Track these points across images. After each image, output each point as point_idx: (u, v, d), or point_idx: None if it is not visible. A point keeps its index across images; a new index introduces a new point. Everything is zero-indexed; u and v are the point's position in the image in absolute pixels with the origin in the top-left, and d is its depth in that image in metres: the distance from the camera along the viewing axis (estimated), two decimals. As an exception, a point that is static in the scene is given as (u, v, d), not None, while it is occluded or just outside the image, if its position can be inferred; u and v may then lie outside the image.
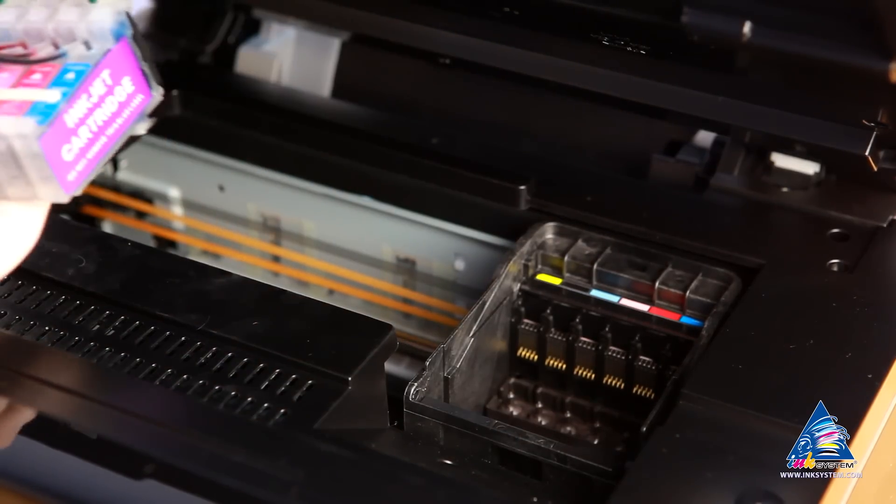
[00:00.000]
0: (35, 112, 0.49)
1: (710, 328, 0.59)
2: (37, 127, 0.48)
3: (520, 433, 0.55)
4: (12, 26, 0.53)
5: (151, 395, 0.54)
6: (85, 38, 0.52)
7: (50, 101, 0.49)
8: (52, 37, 0.52)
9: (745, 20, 0.56)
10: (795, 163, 0.66)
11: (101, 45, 0.51)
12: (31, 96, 0.50)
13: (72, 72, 0.50)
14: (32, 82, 0.51)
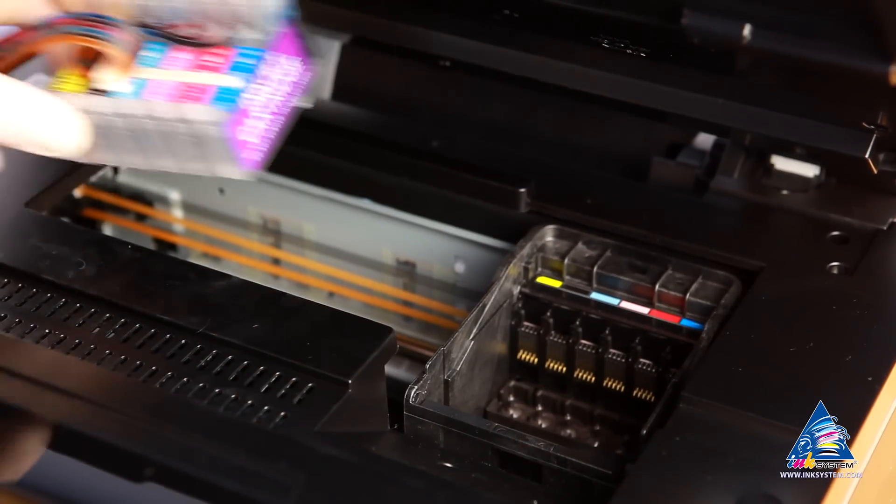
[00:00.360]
0: (221, 99, 0.51)
1: (711, 331, 0.59)
2: (225, 114, 0.50)
3: (520, 436, 0.55)
4: (181, 5, 0.54)
5: (151, 398, 0.54)
6: (252, 20, 0.53)
7: (233, 87, 0.51)
8: (219, 18, 0.53)
9: (746, 23, 0.56)
10: (795, 165, 0.66)
11: (268, 27, 0.53)
12: (213, 81, 0.52)
13: (247, 56, 0.52)
14: (211, 65, 0.52)
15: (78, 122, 0.52)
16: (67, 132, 0.52)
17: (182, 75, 0.53)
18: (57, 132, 0.52)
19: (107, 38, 0.52)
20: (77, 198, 0.71)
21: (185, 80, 0.52)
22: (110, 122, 0.52)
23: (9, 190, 0.67)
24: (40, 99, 0.52)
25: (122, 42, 0.53)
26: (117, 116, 0.52)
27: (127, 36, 0.53)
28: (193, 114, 0.50)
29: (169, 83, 0.53)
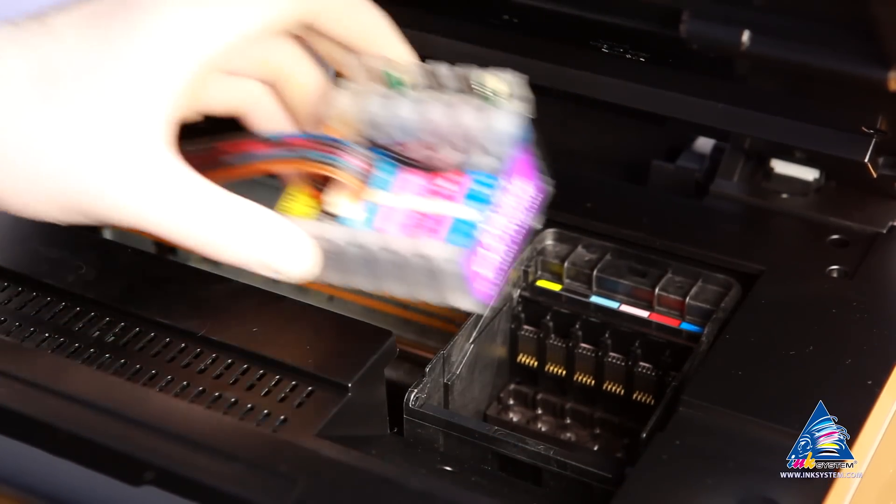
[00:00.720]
0: (457, 231, 0.50)
1: (710, 334, 0.59)
2: (461, 251, 0.49)
3: (520, 439, 0.55)
4: (411, 121, 0.53)
5: (151, 402, 0.54)
6: (486, 143, 0.52)
7: (469, 220, 0.50)
8: (452, 138, 0.52)
9: (745, 29, 0.56)
10: (795, 169, 0.66)
11: (503, 150, 0.52)
12: (448, 211, 0.51)
13: (482, 185, 0.51)
14: (445, 192, 0.51)
15: (311, 250, 0.53)
16: (300, 259, 0.53)
17: (415, 202, 0.52)
18: (290, 258, 0.53)
19: (340, 164, 0.52)
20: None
21: (419, 208, 0.52)
22: (342, 249, 0.52)
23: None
24: (277, 224, 0.52)
25: (356, 169, 0.52)
26: (350, 245, 0.52)
27: (360, 163, 0.52)
28: (430, 249, 0.50)
29: (402, 211, 0.52)
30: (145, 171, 0.51)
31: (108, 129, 0.50)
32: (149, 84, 0.51)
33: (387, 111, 0.54)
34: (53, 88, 0.51)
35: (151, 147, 0.51)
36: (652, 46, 0.62)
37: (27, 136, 0.50)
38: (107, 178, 0.50)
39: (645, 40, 0.61)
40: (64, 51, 0.51)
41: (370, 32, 0.56)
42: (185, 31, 0.51)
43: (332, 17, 0.55)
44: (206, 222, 0.52)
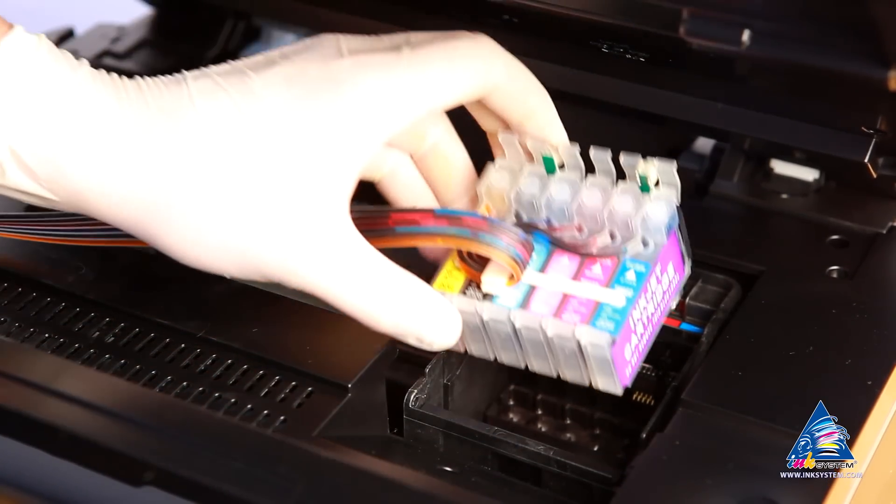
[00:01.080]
0: (603, 317, 0.51)
1: (710, 335, 0.59)
2: (609, 337, 0.50)
3: (520, 440, 0.55)
4: (565, 204, 0.55)
5: (151, 402, 0.54)
6: (640, 230, 0.53)
7: (617, 306, 0.52)
8: (604, 223, 0.54)
9: (745, 29, 0.56)
10: (795, 169, 0.66)
11: (655, 238, 0.53)
12: (595, 295, 0.52)
13: (632, 271, 0.53)
14: (594, 276, 0.53)
15: (458, 324, 0.54)
16: (448, 334, 0.54)
17: (566, 284, 0.53)
18: (439, 332, 0.54)
19: (504, 248, 0.53)
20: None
21: (570, 290, 0.53)
22: (490, 326, 0.54)
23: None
24: (435, 301, 0.54)
25: (518, 255, 0.53)
26: (500, 324, 0.53)
27: (520, 246, 0.53)
28: (580, 334, 0.51)
29: (553, 293, 0.53)
30: (327, 242, 0.52)
31: (298, 200, 0.52)
32: (343, 157, 0.52)
33: (542, 193, 0.56)
34: (247, 153, 0.52)
35: (335, 218, 0.52)
36: (651, 46, 0.62)
37: (218, 194, 0.51)
38: (290, 247, 0.52)
39: (644, 40, 0.61)
40: (262, 116, 0.52)
41: (537, 113, 0.57)
42: (381, 105, 0.53)
43: (506, 96, 0.56)
44: (373, 293, 0.53)
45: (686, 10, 0.57)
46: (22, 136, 0.50)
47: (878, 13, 0.52)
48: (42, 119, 0.50)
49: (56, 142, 0.51)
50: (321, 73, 0.53)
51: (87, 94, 0.51)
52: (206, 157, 0.52)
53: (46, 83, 0.51)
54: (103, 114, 0.51)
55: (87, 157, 0.51)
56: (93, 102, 0.51)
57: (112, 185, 0.51)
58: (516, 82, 0.57)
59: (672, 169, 0.55)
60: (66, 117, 0.51)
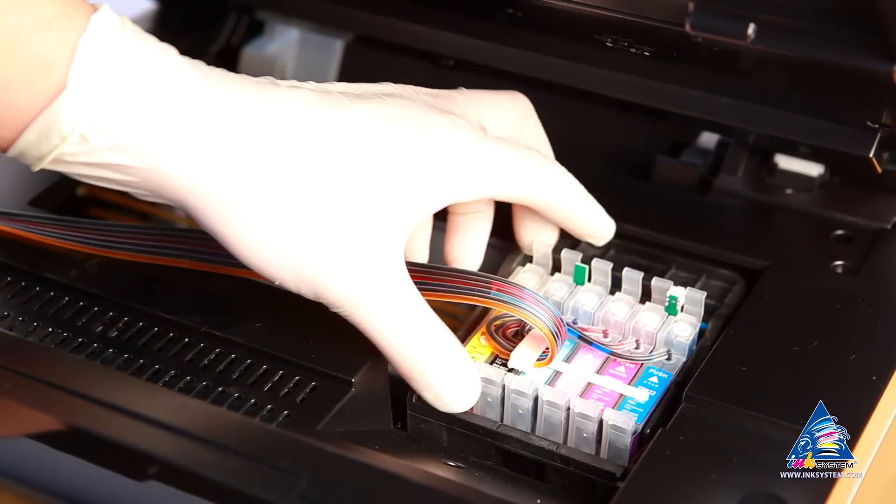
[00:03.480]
0: (626, 408, 0.54)
1: (714, 330, 0.59)
2: (635, 424, 0.53)
3: (524, 435, 0.55)
4: (594, 312, 0.58)
5: (155, 397, 0.54)
6: (664, 346, 0.57)
7: (640, 401, 0.54)
8: (631, 334, 0.57)
9: (750, 23, 0.56)
10: (799, 164, 0.66)
11: (679, 354, 0.57)
12: (621, 390, 0.55)
13: (655, 376, 0.56)
14: (618, 374, 0.55)
15: (477, 394, 0.55)
16: (464, 398, 0.55)
17: (591, 376, 0.56)
18: (456, 393, 0.55)
19: (546, 323, 0.55)
20: (81, 196, 0.71)
21: (593, 381, 0.56)
22: (513, 400, 0.55)
23: (13, 188, 0.67)
24: (461, 360, 0.55)
25: (557, 332, 0.55)
26: (522, 398, 0.55)
27: (562, 329, 0.55)
28: (607, 416, 0.53)
29: (578, 380, 0.56)
30: (383, 277, 0.53)
31: (366, 230, 0.53)
32: (417, 203, 0.54)
33: (570, 297, 0.59)
34: (330, 169, 0.53)
35: (393, 256, 0.54)
36: (656, 41, 0.62)
37: (290, 202, 0.52)
38: (348, 274, 0.53)
39: (649, 34, 0.61)
40: (355, 138, 0.53)
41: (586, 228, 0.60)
42: (464, 171, 0.55)
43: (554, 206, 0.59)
44: (410, 337, 0.54)
45: (691, 3, 0.57)
46: (108, 111, 0.50)
47: (883, 7, 0.52)
48: (129, 96, 0.50)
49: (141, 119, 0.51)
50: (420, 122, 0.55)
51: (177, 73, 0.51)
52: (287, 160, 0.52)
53: (134, 60, 0.50)
54: (191, 96, 0.51)
55: (170, 136, 0.51)
56: (182, 83, 0.51)
57: (189, 168, 0.51)
58: (574, 202, 0.59)
59: (701, 298, 0.58)
60: (153, 95, 0.51)
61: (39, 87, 0.50)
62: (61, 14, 0.50)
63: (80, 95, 0.50)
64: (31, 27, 0.49)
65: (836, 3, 0.54)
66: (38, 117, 0.50)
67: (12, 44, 0.49)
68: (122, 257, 0.60)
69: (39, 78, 0.50)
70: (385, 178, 0.53)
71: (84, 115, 0.50)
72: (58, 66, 0.50)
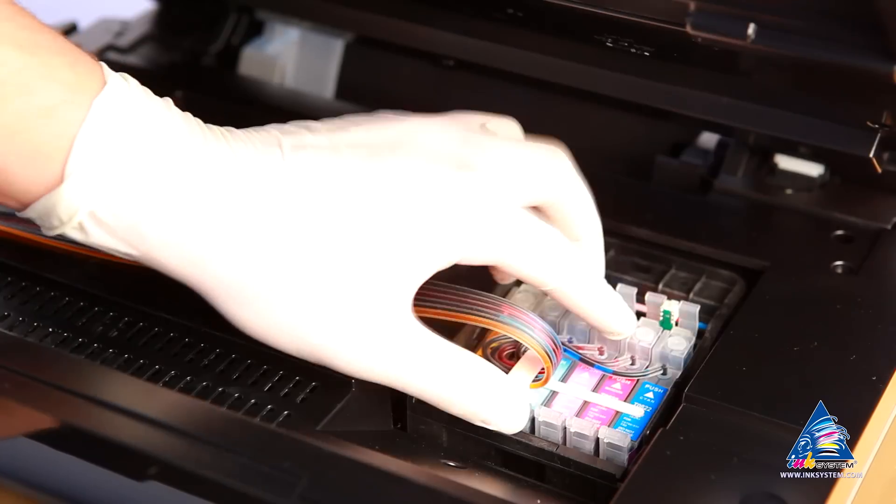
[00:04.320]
0: (623, 426, 0.54)
1: (714, 330, 0.59)
2: (631, 441, 0.53)
3: (523, 436, 0.55)
4: (589, 329, 0.58)
5: (155, 397, 0.54)
6: (660, 361, 0.57)
7: (636, 417, 0.55)
8: (627, 350, 0.57)
9: (750, 23, 0.56)
10: (800, 164, 0.66)
11: (674, 368, 0.57)
12: (616, 407, 0.55)
13: (651, 392, 0.56)
14: (614, 391, 0.56)
15: (526, 412, 0.55)
16: (513, 419, 0.54)
17: (587, 394, 0.56)
18: (503, 418, 0.54)
19: (543, 345, 0.55)
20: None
21: (589, 399, 0.56)
22: None
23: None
24: (500, 386, 0.54)
25: (554, 355, 0.55)
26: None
27: (558, 351, 0.56)
28: (603, 434, 0.53)
29: (574, 399, 0.56)
30: (397, 339, 0.53)
31: (371, 294, 0.52)
32: (422, 268, 0.53)
33: (565, 316, 0.59)
34: (338, 249, 0.52)
35: (402, 315, 0.53)
36: (657, 40, 0.62)
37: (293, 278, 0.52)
38: (359, 343, 0.52)
39: (649, 34, 0.61)
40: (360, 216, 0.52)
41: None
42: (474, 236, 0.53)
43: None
44: (440, 382, 0.53)
45: (692, 3, 0.57)
46: (105, 204, 0.50)
47: (883, 7, 0.52)
48: (127, 189, 0.50)
49: (139, 212, 0.50)
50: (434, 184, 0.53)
51: (178, 161, 0.51)
52: (290, 238, 0.52)
53: (135, 148, 0.50)
54: (193, 185, 0.51)
55: (164, 225, 0.51)
56: (183, 173, 0.51)
57: (187, 259, 0.52)
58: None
59: (695, 311, 0.58)
60: (152, 188, 0.50)
61: (37, 176, 0.49)
62: (63, 101, 0.49)
63: (76, 189, 0.49)
64: (32, 115, 0.49)
65: (836, 3, 0.54)
66: (37, 202, 0.50)
67: (12, 132, 0.49)
68: (122, 259, 0.59)
69: (38, 168, 0.49)
70: (391, 245, 0.52)
71: (81, 206, 0.50)
72: (56, 158, 0.49)
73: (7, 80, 0.48)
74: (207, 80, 0.77)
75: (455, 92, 0.74)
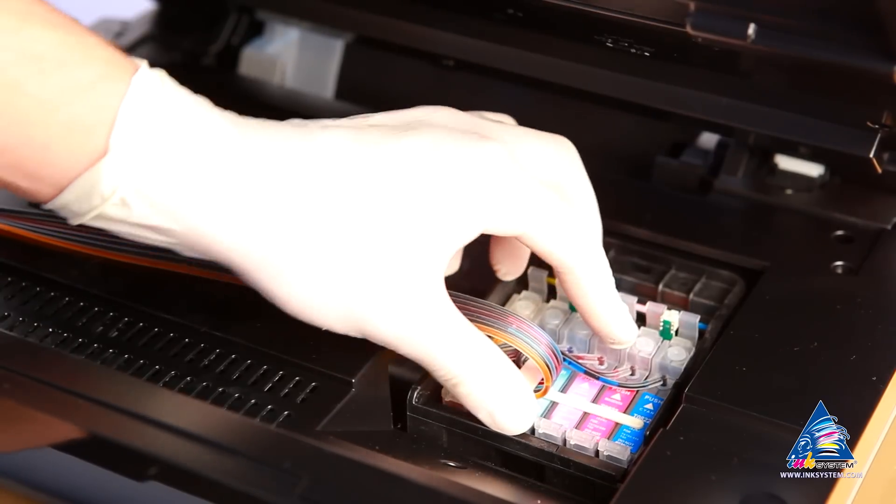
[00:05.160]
0: (623, 438, 0.54)
1: (714, 330, 0.59)
2: (630, 454, 0.53)
3: (523, 436, 0.55)
4: (589, 339, 0.58)
5: (155, 397, 0.54)
6: (659, 372, 0.57)
7: (635, 428, 0.55)
8: (626, 360, 0.57)
9: (750, 23, 0.56)
10: (799, 165, 0.66)
11: (674, 378, 0.57)
12: (616, 418, 0.55)
13: (651, 403, 0.56)
14: (613, 402, 0.56)
15: (534, 415, 0.55)
16: (519, 419, 0.55)
17: (584, 405, 0.56)
18: (510, 415, 0.54)
19: (543, 356, 0.55)
20: None
21: (588, 410, 0.56)
22: None
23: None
24: (515, 382, 0.54)
25: (553, 367, 0.55)
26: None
27: (559, 366, 0.56)
28: (602, 447, 0.54)
29: (574, 410, 0.56)
30: (431, 313, 0.53)
31: (407, 264, 0.53)
32: (453, 237, 0.53)
33: (565, 325, 0.59)
34: (373, 220, 0.52)
35: (437, 286, 0.53)
36: (657, 41, 0.62)
37: (332, 253, 0.52)
38: (396, 312, 0.53)
39: (649, 34, 0.61)
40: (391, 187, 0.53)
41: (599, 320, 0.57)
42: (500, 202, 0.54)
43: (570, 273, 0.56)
44: (463, 363, 0.54)
45: (692, 3, 0.57)
46: (149, 176, 0.50)
47: (883, 7, 0.52)
48: (170, 160, 0.50)
49: (182, 184, 0.50)
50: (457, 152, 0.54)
51: (215, 134, 0.51)
52: (326, 211, 0.52)
53: (174, 123, 0.50)
54: (231, 158, 0.51)
55: (210, 200, 0.51)
56: (221, 145, 0.51)
57: (230, 232, 0.51)
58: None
59: (695, 321, 0.58)
60: (194, 160, 0.50)
61: (80, 150, 0.49)
62: (104, 75, 0.49)
63: (121, 161, 0.49)
64: (73, 89, 0.49)
65: (836, 3, 0.54)
66: (78, 179, 0.50)
67: (55, 105, 0.49)
68: (123, 259, 0.59)
69: (80, 141, 0.49)
70: (423, 214, 0.53)
71: (125, 179, 0.50)
72: (99, 130, 0.49)
73: (46, 56, 0.48)
74: (207, 80, 0.77)
75: (455, 92, 0.74)
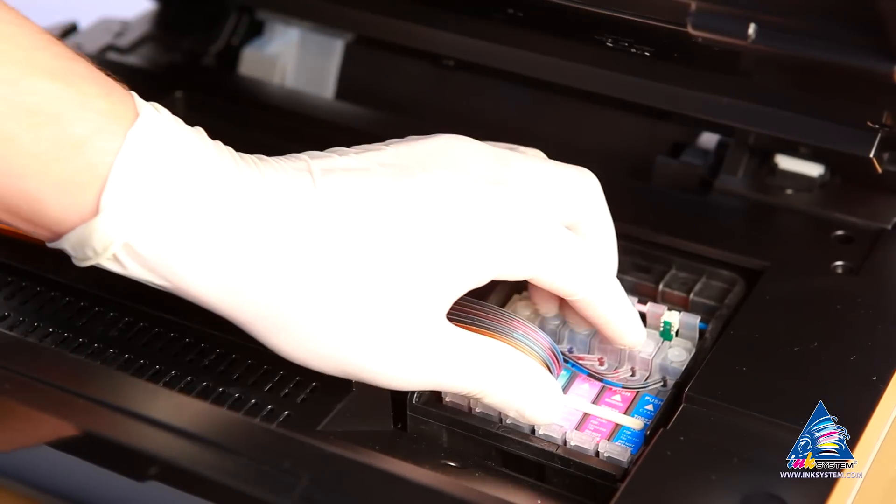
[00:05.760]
0: (623, 439, 0.55)
1: (714, 330, 0.59)
2: (630, 455, 0.53)
3: (524, 436, 0.55)
4: (589, 340, 0.58)
5: (155, 397, 0.54)
6: (660, 373, 0.57)
7: (635, 430, 0.55)
8: (627, 361, 0.58)
9: (751, 23, 0.56)
10: (800, 165, 0.66)
11: (674, 379, 0.57)
12: (616, 419, 0.55)
13: (651, 404, 0.56)
14: (614, 403, 0.56)
15: (560, 404, 0.55)
16: (547, 410, 0.54)
17: (585, 406, 0.56)
18: (537, 408, 0.54)
19: (544, 359, 0.55)
20: None
21: (588, 411, 0.56)
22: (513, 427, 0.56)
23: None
24: (535, 377, 0.54)
25: (554, 369, 0.56)
26: (520, 426, 0.56)
27: (557, 364, 0.56)
28: (602, 448, 0.54)
29: (574, 411, 0.56)
30: (431, 349, 0.52)
31: (410, 310, 0.52)
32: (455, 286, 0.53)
33: (565, 325, 0.59)
34: (372, 270, 0.51)
35: (437, 329, 0.53)
36: (657, 41, 0.62)
37: (331, 304, 0.51)
38: (398, 358, 0.52)
39: (650, 34, 0.61)
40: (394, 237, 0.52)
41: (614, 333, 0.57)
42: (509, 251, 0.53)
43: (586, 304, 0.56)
44: (481, 376, 0.53)
45: (692, 3, 0.57)
46: (141, 237, 0.50)
47: (883, 7, 0.52)
48: (162, 222, 0.50)
49: (173, 245, 0.50)
50: (467, 199, 0.53)
51: (211, 193, 0.50)
52: (323, 265, 0.51)
53: (169, 180, 0.49)
54: (226, 219, 0.50)
55: (199, 259, 0.50)
56: (217, 205, 0.50)
57: (223, 291, 0.51)
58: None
59: (695, 322, 0.58)
60: (186, 221, 0.50)
61: (72, 207, 0.49)
62: (98, 130, 0.49)
63: (112, 221, 0.49)
64: (66, 145, 0.48)
65: (836, 3, 0.54)
66: (71, 233, 0.50)
67: (47, 161, 0.48)
68: None
69: (72, 199, 0.49)
70: (429, 263, 0.52)
71: (117, 238, 0.49)
72: (91, 189, 0.49)
73: (41, 110, 0.48)
74: (207, 80, 0.77)
75: (455, 92, 0.74)
